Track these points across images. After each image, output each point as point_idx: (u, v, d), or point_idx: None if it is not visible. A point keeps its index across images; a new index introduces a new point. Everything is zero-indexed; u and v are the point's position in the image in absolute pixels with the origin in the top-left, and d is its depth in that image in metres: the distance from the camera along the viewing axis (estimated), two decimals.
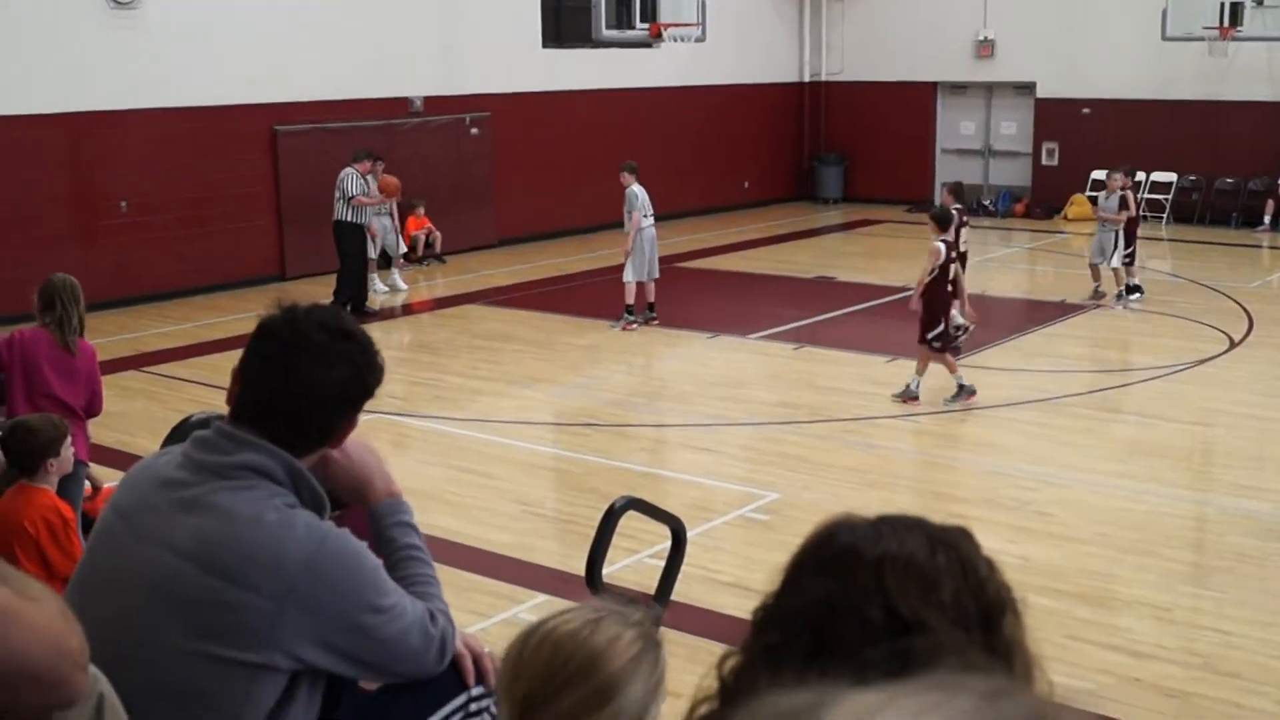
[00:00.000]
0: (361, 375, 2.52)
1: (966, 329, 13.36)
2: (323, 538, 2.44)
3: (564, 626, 1.86)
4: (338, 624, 2.42)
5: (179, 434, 4.46)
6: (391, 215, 16.82)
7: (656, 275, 14.76)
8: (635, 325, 14.57)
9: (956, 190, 13.74)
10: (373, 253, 16.63)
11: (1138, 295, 15.49)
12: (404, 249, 17.53)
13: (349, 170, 15.56)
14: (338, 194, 15.52)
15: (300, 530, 2.42)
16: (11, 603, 1.81)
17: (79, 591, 2.55)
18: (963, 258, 13.42)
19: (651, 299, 14.77)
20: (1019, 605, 1.43)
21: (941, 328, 11.18)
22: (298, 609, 2.38)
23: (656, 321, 14.72)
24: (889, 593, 1.37)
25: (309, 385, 2.48)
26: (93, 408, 7.90)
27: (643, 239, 14.54)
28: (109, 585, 2.47)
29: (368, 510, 2.76)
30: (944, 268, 11.19)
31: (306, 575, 2.38)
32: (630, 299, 14.58)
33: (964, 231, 13.41)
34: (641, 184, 14.73)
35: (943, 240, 11.29)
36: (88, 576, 2.59)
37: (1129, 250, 15.39)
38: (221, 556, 2.38)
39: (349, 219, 15.50)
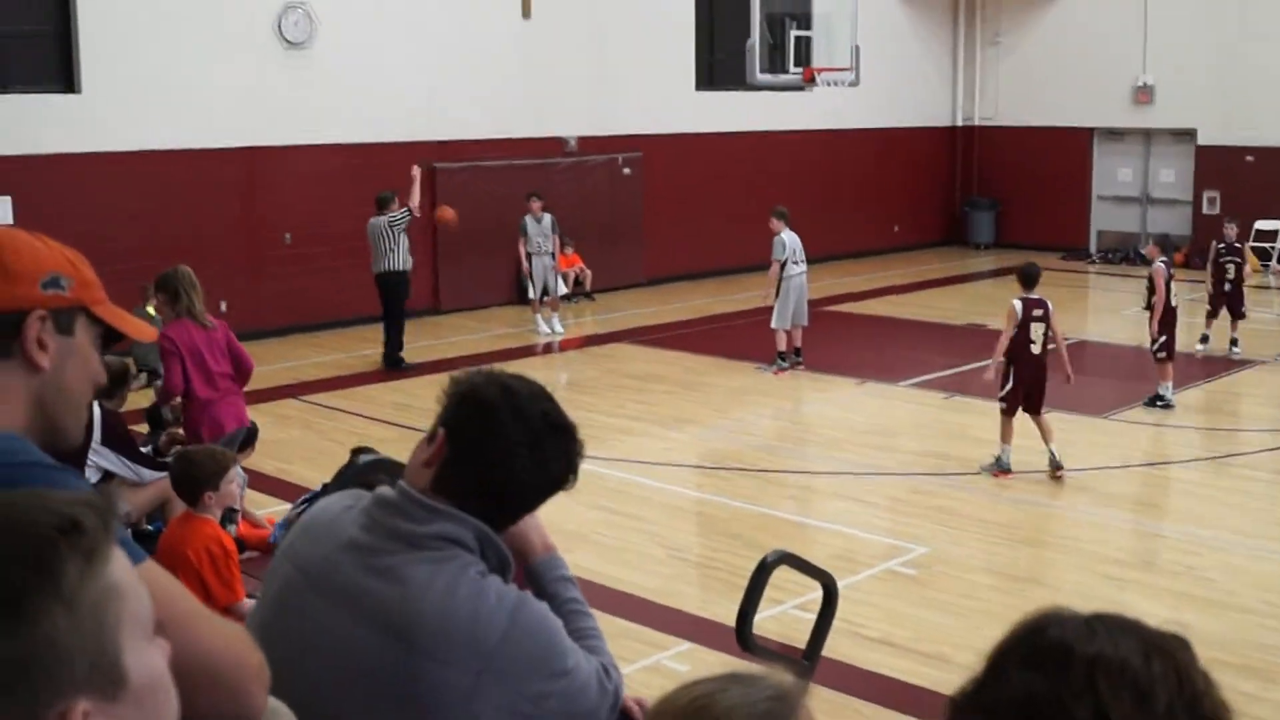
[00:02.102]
0: (573, 469, 2.54)
1: (1168, 402, 12.78)
2: (515, 607, 2.43)
3: (679, 698, 1.82)
4: (528, 691, 2.41)
5: (348, 473, 4.58)
6: (553, 254, 16.91)
7: (804, 323, 14.69)
8: (785, 370, 14.54)
9: (1162, 243, 13.32)
10: (533, 293, 16.80)
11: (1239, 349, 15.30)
12: (564, 289, 17.57)
13: (381, 220, 14.58)
14: (384, 245, 14.56)
15: (493, 600, 2.41)
16: (201, 608, 1.89)
17: (260, 644, 2.54)
18: (1171, 312, 12.82)
19: (798, 344, 14.70)
20: None
21: (1009, 387, 10.64)
22: (493, 680, 2.37)
23: (802, 366, 14.64)
24: (1100, 696, 1.33)
25: (525, 476, 2.47)
26: (244, 369, 8.78)
27: (789, 286, 14.50)
28: (294, 648, 2.44)
29: (527, 566, 2.77)
30: (1023, 327, 10.63)
31: (503, 647, 2.37)
32: (781, 345, 14.56)
33: (1174, 285, 12.86)
34: (793, 229, 14.70)
35: (1021, 299, 10.72)
36: (270, 634, 2.46)
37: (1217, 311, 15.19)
38: (418, 630, 2.36)
39: (397, 267, 14.69)
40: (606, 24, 19.74)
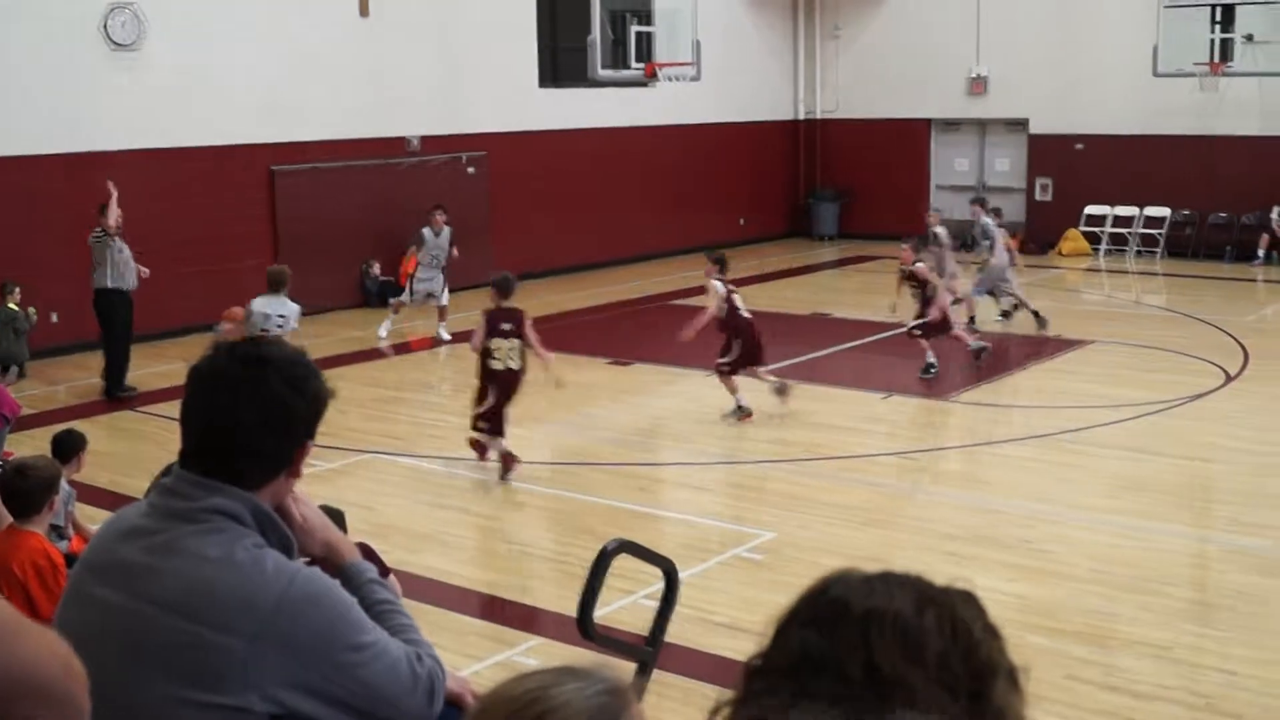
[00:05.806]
0: (285, 401, 2.48)
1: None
2: (293, 576, 2.42)
3: (512, 689, 1.79)
4: (315, 664, 2.38)
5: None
6: (445, 268, 16.48)
7: None
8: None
9: (720, 261, 12.88)
10: (406, 298, 16.56)
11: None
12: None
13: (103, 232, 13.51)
14: (93, 261, 13.51)
15: (270, 569, 2.41)
16: (19, 616, 1.82)
17: None
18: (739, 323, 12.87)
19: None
20: (1017, 672, 1.40)
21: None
22: (271, 648, 2.34)
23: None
24: (872, 648, 1.35)
25: (231, 418, 2.47)
26: None
27: None
28: (86, 641, 2.41)
29: (337, 570, 2.74)
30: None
31: (278, 614, 2.36)
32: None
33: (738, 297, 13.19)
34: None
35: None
36: (61, 631, 2.53)
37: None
38: (193, 599, 2.36)
39: (104, 285, 13.53)
40: (447, 21, 19.57)
